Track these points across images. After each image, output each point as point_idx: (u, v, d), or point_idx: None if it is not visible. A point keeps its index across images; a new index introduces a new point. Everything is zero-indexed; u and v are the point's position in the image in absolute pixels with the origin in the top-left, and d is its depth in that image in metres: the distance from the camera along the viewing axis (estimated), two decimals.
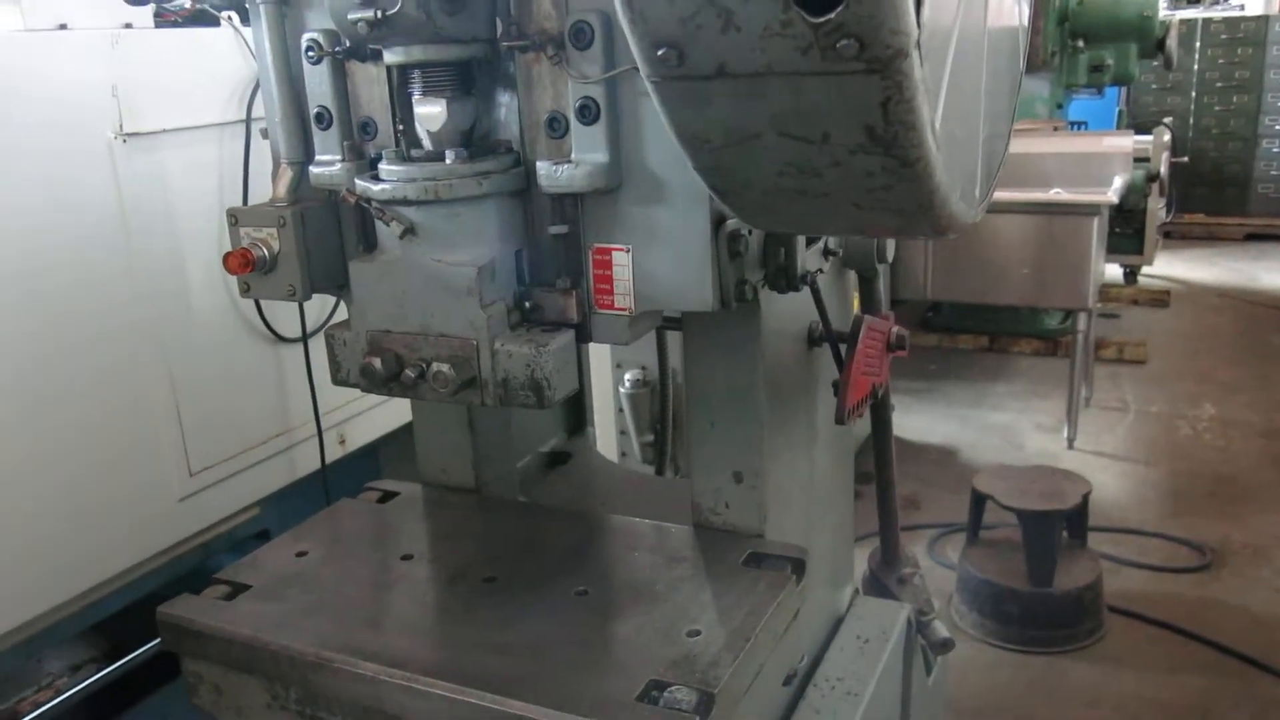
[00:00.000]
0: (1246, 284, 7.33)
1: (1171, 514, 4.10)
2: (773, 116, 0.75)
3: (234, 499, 2.25)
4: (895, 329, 1.58)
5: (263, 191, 1.89)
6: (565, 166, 1.19)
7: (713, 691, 1.17)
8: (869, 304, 1.76)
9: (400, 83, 1.27)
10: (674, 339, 2.07)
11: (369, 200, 1.23)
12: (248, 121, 2.05)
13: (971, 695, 3.08)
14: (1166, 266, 7.65)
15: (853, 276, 1.76)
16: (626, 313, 1.25)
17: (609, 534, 1.61)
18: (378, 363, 1.25)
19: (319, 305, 2.22)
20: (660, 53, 0.73)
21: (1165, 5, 11.69)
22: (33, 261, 1.75)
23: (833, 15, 0.65)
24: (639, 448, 3.43)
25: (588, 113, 1.16)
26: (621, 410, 3.40)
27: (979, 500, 3.45)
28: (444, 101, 1.22)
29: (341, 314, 1.98)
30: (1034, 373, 5.71)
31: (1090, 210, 4.40)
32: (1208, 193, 8.60)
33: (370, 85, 1.31)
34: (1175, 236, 8.45)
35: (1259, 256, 7.89)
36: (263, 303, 2.15)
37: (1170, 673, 3.15)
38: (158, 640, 2.04)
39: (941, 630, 2.01)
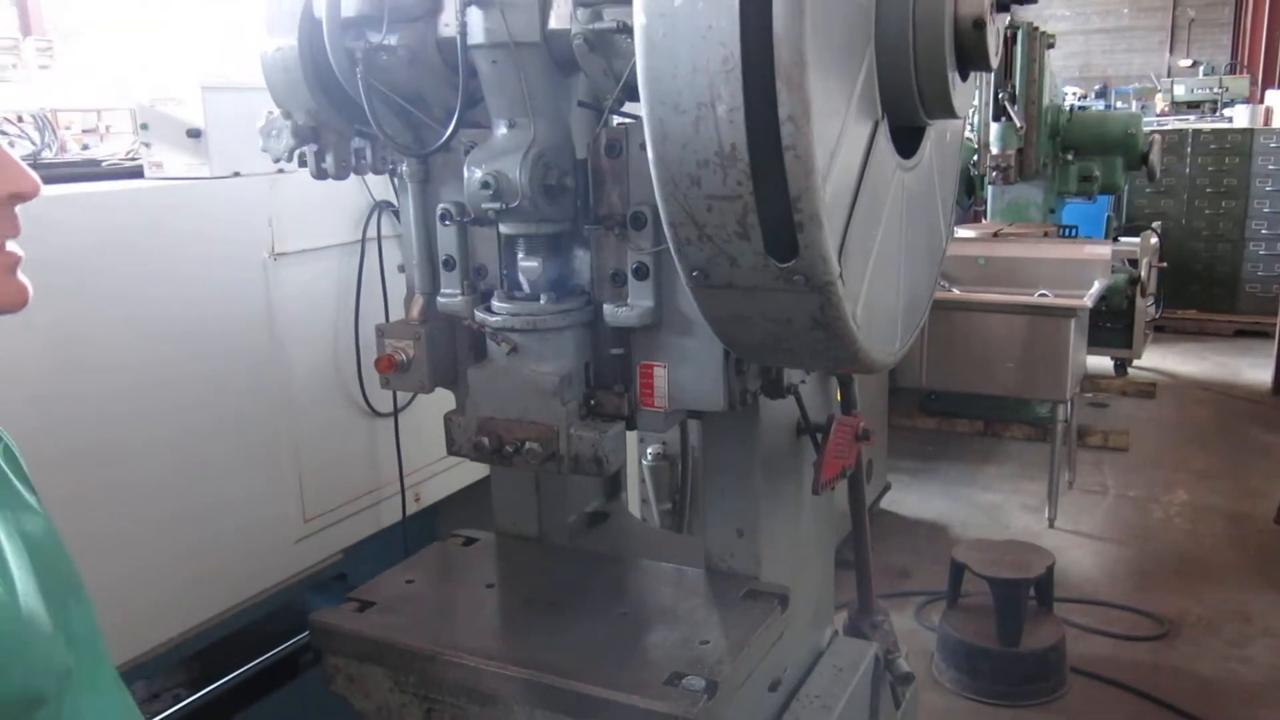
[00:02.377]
0: (1230, 378, 7.80)
1: (1137, 588, 4.54)
2: (759, 310, 1.28)
3: (330, 545, 2.76)
4: (861, 424, 2.10)
5: (367, 297, 2.44)
6: (623, 308, 1.71)
7: (717, 680, 1.66)
8: (847, 401, 2.28)
9: (508, 243, 1.80)
10: (693, 426, 2.59)
11: (485, 326, 1.77)
12: (363, 241, 2.61)
13: None
14: (1158, 360, 8.15)
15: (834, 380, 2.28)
16: (662, 410, 1.76)
17: (642, 574, 2.11)
18: (486, 440, 1.77)
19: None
20: (694, 274, 1.26)
21: (1161, 116, 12.34)
22: (201, 353, 2.29)
23: (791, 263, 1.18)
24: (658, 514, 3.94)
25: (641, 272, 1.69)
26: (643, 481, 3.91)
27: (957, 569, 3.92)
28: (540, 259, 1.75)
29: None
30: (1024, 457, 6.17)
31: (1068, 312, 4.92)
32: (1199, 290, 9.12)
33: (485, 242, 1.85)
34: (1169, 331, 8.95)
35: (1245, 352, 8.35)
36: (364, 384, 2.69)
37: None
38: (237, 673, 2.52)
39: (904, 666, 2.49)
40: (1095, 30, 25.11)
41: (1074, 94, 20.09)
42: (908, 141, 1.53)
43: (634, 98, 1.50)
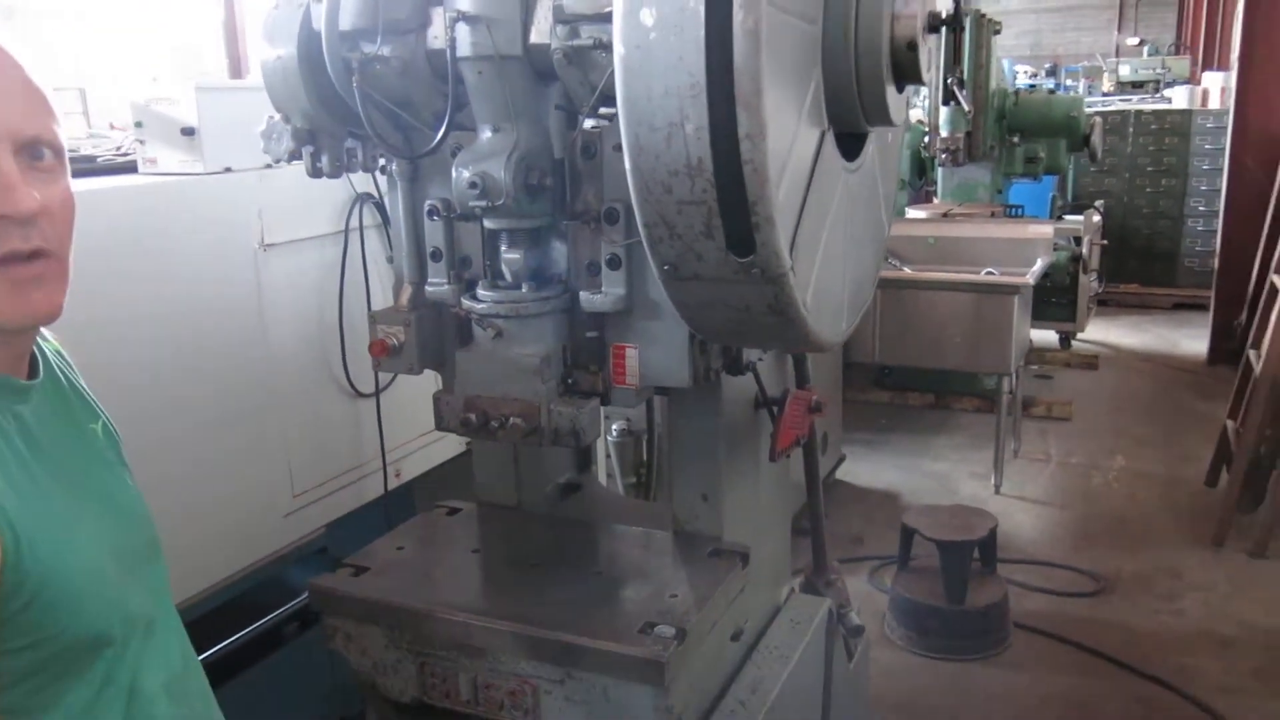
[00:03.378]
0: (1169, 349, 8.14)
1: (1077, 549, 4.82)
2: (722, 299, 1.46)
3: (316, 519, 2.91)
4: (814, 398, 2.29)
5: (349, 283, 2.59)
6: (598, 295, 1.88)
7: (686, 628, 1.85)
8: (801, 376, 2.48)
9: (491, 237, 1.97)
10: (658, 403, 2.77)
11: (472, 312, 1.94)
12: (346, 232, 2.76)
13: (898, 693, 3.75)
14: (1101, 333, 8.47)
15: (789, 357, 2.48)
16: (634, 387, 1.94)
17: (614, 537, 2.30)
18: (473, 416, 1.94)
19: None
20: (665, 267, 1.45)
21: (1106, 96, 12.65)
22: (195, 338, 2.43)
23: (749, 259, 1.37)
24: (623, 487, 4.13)
25: (614, 263, 1.86)
26: (609, 456, 4.10)
27: (907, 534, 4.16)
28: (521, 251, 1.92)
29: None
30: (973, 428, 6.43)
31: (1011, 290, 5.16)
32: (1140, 266, 9.45)
33: (470, 235, 2.01)
34: (1112, 304, 9.27)
35: (1183, 324, 8.70)
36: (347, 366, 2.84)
37: (1061, 675, 3.84)
38: (225, 643, 2.66)
39: (855, 619, 2.70)
40: (1046, 9, 25.52)
41: (1025, 73, 20.46)
42: (852, 145, 1.72)
43: (608, 104, 1.68)
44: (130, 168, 2.52)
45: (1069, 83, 17.31)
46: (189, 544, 2.47)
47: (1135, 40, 23.12)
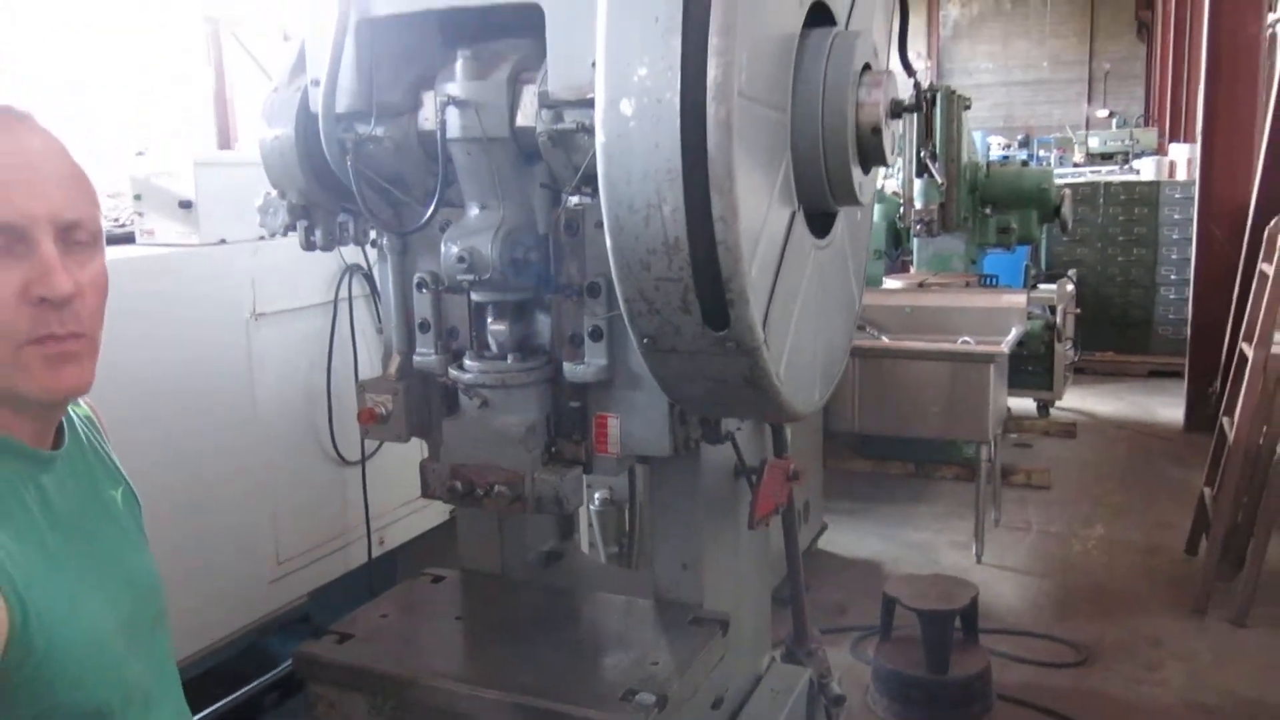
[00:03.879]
0: (1146, 417, 8.24)
1: (1059, 618, 4.83)
2: (699, 370, 1.53)
3: (300, 586, 2.93)
4: (792, 466, 2.35)
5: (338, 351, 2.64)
6: (581, 366, 1.94)
7: (667, 695, 1.88)
8: (779, 445, 2.54)
9: (478, 309, 2.04)
10: (640, 471, 2.82)
11: (458, 382, 1.99)
12: (335, 302, 2.82)
13: None
14: (1078, 400, 8.57)
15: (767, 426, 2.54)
16: (616, 456, 1.99)
17: (596, 605, 2.33)
18: (459, 484, 1.99)
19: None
20: (645, 340, 1.51)
21: (1077, 167, 12.95)
22: (186, 405, 2.48)
23: (724, 332, 1.43)
24: (604, 556, 4.14)
25: (596, 334, 1.92)
26: (590, 525, 4.12)
27: (889, 603, 4.17)
28: (507, 323, 1.98)
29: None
30: (954, 496, 6.47)
31: (987, 358, 5.25)
32: (1115, 334, 9.60)
33: (457, 307, 2.08)
34: (1088, 373, 9.39)
35: (1158, 392, 8.81)
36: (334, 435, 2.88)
37: None
38: (204, 713, 2.65)
39: (836, 689, 2.73)
40: (1017, 82, 26.22)
41: (999, 144, 20.95)
42: (822, 223, 1.80)
43: (589, 183, 1.76)
44: (128, 238, 2.59)
45: (1041, 153, 17.75)
46: (173, 610, 2.48)
47: (1105, 112, 23.75)
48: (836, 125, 1.61)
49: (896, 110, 1.72)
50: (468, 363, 2.01)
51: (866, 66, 1.72)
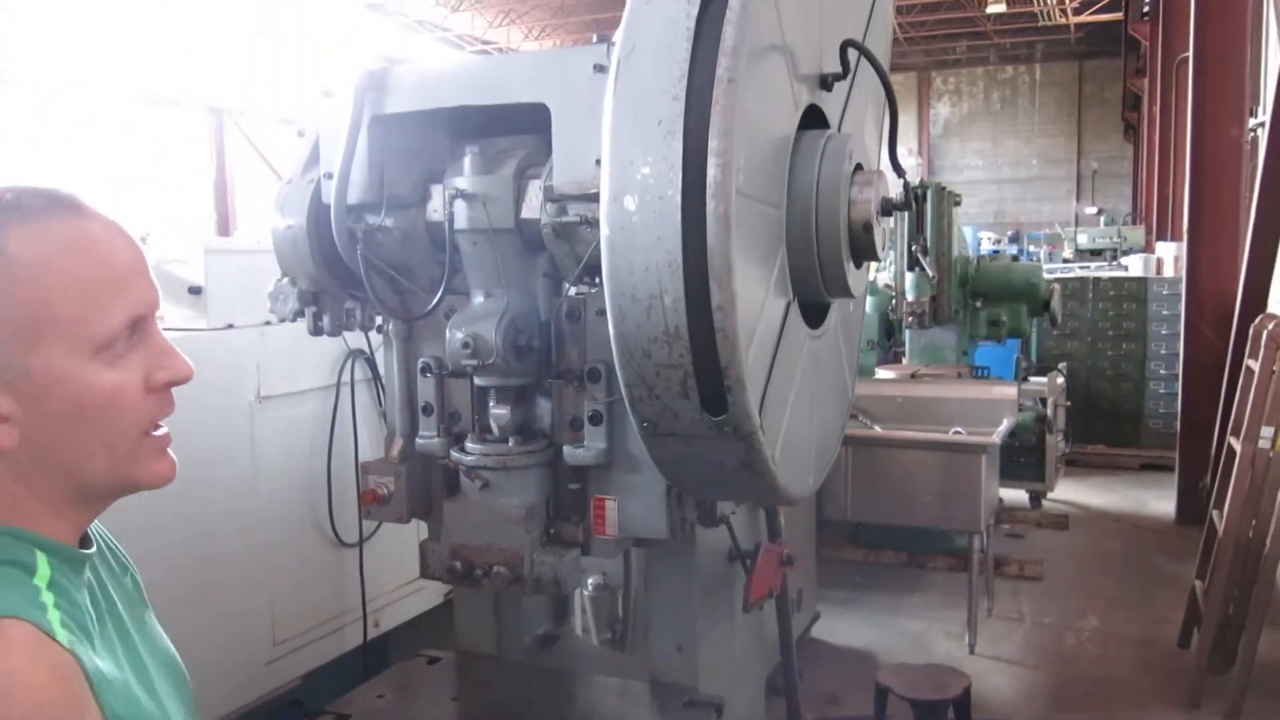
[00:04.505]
0: (1138, 509, 8.25)
1: (1053, 709, 4.79)
2: (696, 454, 1.58)
3: (295, 668, 2.92)
4: (786, 551, 2.38)
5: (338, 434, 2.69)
6: (580, 449, 2.00)
7: None
8: (773, 530, 2.57)
9: (480, 393, 2.09)
10: (634, 555, 2.85)
11: (460, 464, 2.04)
12: (338, 385, 2.88)
13: None
14: (1071, 492, 8.59)
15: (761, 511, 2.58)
16: (613, 538, 2.04)
17: (592, 687, 2.34)
18: (458, 564, 2.02)
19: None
20: (645, 424, 1.57)
21: (1066, 262, 13.17)
22: (188, 486, 2.50)
23: (722, 417, 1.50)
24: (598, 642, 4.13)
25: (596, 419, 1.98)
26: (584, 611, 4.12)
27: (881, 692, 4.15)
28: (509, 407, 2.04)
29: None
30: (947, 586, 6.44)
31: (978, 449, 5.29)
32: (1106, 426, 9.65)
33: (459, 391, 2.14)
34: (1081, 465, 9.42)
35: (1150, 485, 8.83)
36: (333, 516, 2.91)
37: None
38: None
39: None
40: (1007, 180, 26.79)
41: (989, 239, 21.30)
42: (816, 314, 1.88)
43: (591, 273, 1.84)
44: None
45: (1031, 249, 18.06)
46: None
47: (1094, 209, 24.20)
48: (830, 222, 1.70)
49: (887, 208, 1.81)
50: (469, 445, 2.06)
51: (858, 166, 1.81)
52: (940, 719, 4.01)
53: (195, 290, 2.53)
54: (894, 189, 1.98)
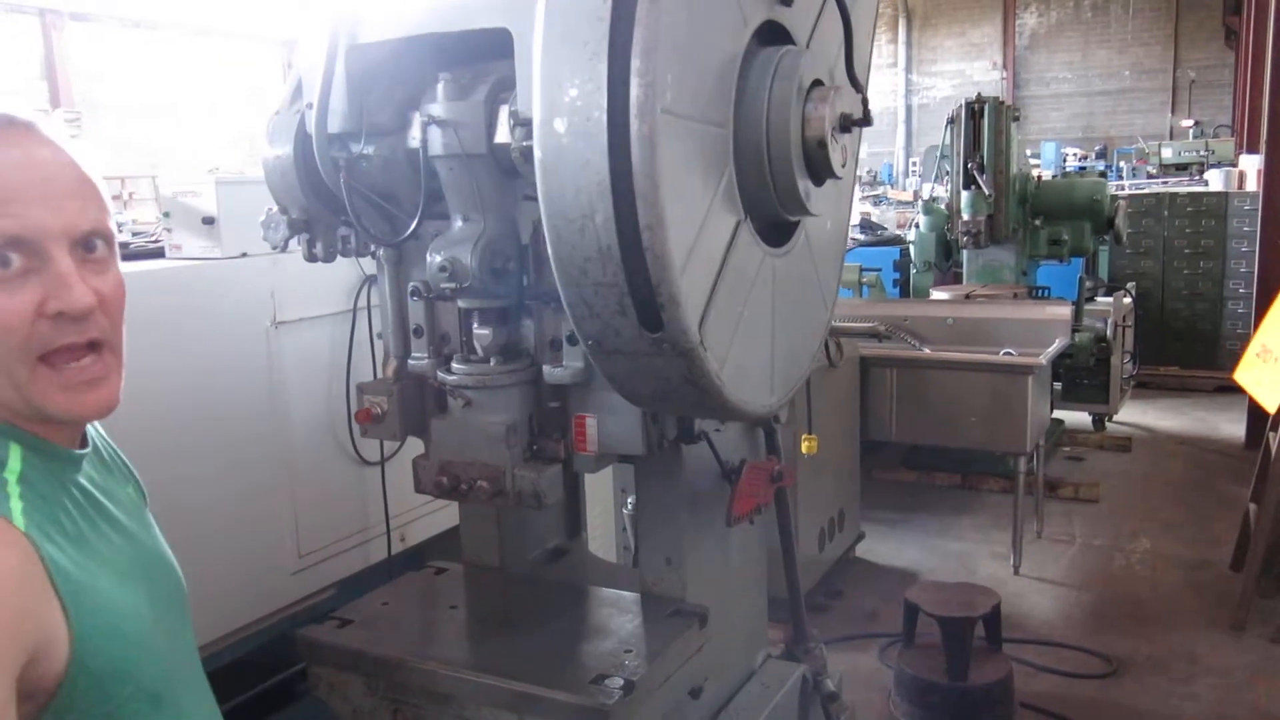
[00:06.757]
0: (1208, 433, 8.05)
1: (1092, 630, 4.79)
2: (642, 371, 1.63)
3: (323, 578, 3.08)
4: (777, 468, 2.42)
5: (357, 357, 2.80)
6: (559, 369, 2.06)
7: (634, 681, 1.98)
8: (771, 448, 2.62)
9: (465, 315, 2.16)
10: None
11: (445, 384, 2.12)
12: (354, 310, 2.98)
13: None
14: (1138, 415, 8.42)
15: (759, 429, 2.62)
16: (593, 454, 2.10)
17: (586, 598, 2.44)
18: (445, 479, 2.11)
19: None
20: (590, 342, 1.62)
21: (1149, 179, 12.65)
22: (211, 408, 2.65)
23: (659, 334, 1.54)
24: (634, 560, 4.24)
25: (574, 339, 2.03)
26: (624, 529, 4.23)
27: (911, 610, 4.20)
28: (491, 328, 2.11)
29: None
30: (999, 508, 6.41)
31: (1024, 370, 5.23)
32: (1181, 348, 9.39)
33: (448, 314, 2.21)
34: (1151, 387, 9.21)
35: (1225, 408, 8.59)
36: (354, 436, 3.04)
37: None
38: (236, 700, 2.81)
39: (829, 685, 2.79)
40: (1097, 92, 25.65)
41: (1075, 155, 20.52)
42: (782, 233, 1.89)
43: None
44: (159, 253, 2.78)
45: (1121, 165, 17.39)
46: (197, 597, 2.65)
47: (1190, 122, 23.08)
48: (781, 140, 1.70)
49: (845, 124, 1.80)
50: (454, 365, 2.13)
51: (817, 82, 1.80)
52: (967, 636, 4.05)
53: (208, 220, 2.64)
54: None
